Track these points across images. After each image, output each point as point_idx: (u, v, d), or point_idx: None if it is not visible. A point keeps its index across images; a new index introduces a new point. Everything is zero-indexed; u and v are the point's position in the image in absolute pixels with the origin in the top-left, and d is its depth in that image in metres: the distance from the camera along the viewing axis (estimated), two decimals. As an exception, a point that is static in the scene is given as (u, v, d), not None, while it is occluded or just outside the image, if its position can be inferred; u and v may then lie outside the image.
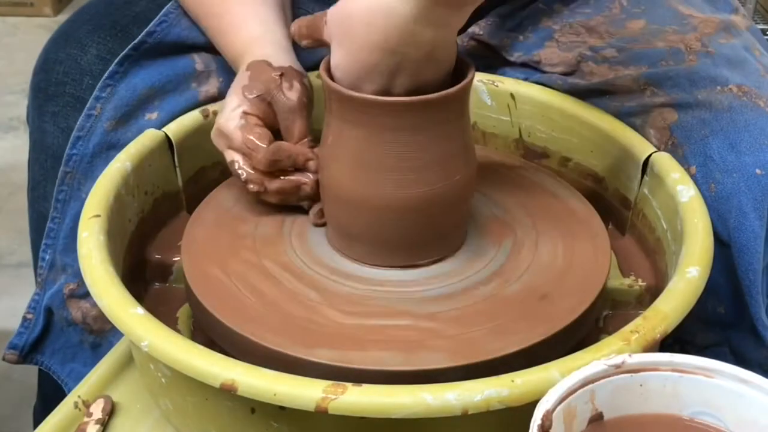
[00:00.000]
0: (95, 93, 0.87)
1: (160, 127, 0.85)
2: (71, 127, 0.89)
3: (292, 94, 0.78)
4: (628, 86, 0.86)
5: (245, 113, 0.78)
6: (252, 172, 0.77)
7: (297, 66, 0.82)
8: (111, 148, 0.85)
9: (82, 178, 0.87)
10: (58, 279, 0.89)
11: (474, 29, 0.96)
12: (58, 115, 0.90)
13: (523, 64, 0.95)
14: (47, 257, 0.90)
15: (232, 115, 0.78)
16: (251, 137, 0.76)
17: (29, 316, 0.91)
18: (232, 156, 0.78)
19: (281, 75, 0.79)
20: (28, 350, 0.92)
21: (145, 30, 0.88)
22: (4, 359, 0.93)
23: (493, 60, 0.97)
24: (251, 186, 0.77)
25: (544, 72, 0.93)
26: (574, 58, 0.90)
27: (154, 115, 0.87)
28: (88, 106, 0.87)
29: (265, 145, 0.76)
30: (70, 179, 0.88)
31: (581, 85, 0.89)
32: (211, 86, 0.89)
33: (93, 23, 0.92)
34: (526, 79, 0.94)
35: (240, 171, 0.77)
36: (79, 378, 0.83)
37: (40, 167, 0.93)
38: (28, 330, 0.91)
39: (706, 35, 0.88)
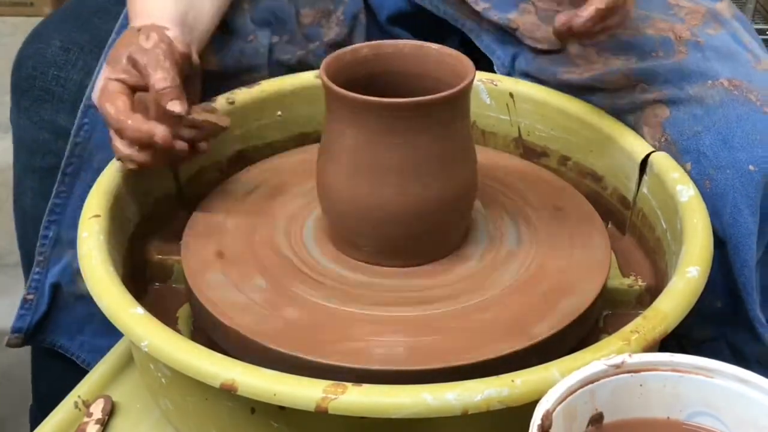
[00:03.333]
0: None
1: None
2: (43, 119, 0.91)
3: (147, 43, 0.76)
4: (619, 82, 0.86)
5: (107, 79, 0.76)
6: (121, 149, 0.75)
7: (173, 32, 0.79)
8: None
9: (93, 149, 0.87)
10: (64, 254, 0.89)
11: None
12: (29, 109, 0.92)
13: (500, 28, 0.94)
14: (50, 234, 0.89)
15: (96, 87, 0.77)
16: (108, 106, 0.74)
17: (30, 297, 0.90)
18: (110, 134, 0.76)
19: (139, 30, 0.77)
20: (33, 331, 0.91)
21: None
22: (8, 345, 0.91)
23: (459, 12, 0.96)
24: (126, 164, 0.76)
25: (524, 44, 0.92)
26: None
27: None
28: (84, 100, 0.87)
29: (119, 105, 0.74)
30: (81, 150, 0.87)
31: (573, 80, 0.88)
32: None
33: (58, 18, 0.96)
34: (513, 60, 0.93)
35: (115, 150, 0.75)
36: (92, 350, 0.83)
37: (21, 164, 0.95)
38: (30, 311, 0.90)
39: (693, 26, 0.87)
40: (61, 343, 0.92)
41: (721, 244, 0.78)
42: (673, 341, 0.80)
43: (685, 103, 0.83)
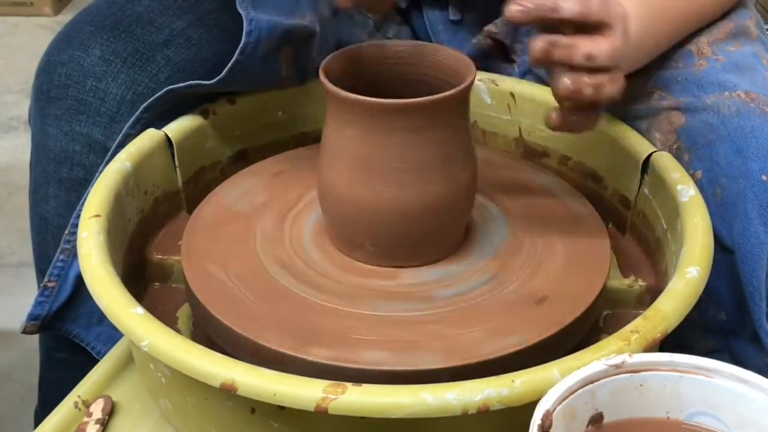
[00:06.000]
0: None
1: None
2: (74, 130, 0.88)
3: None
4: (636, 89, 0.86)
5: None
6: None
7: None
8: None
9: None
10: None
11: (491, 27, 0.97)
12: (60, 118, 0.88)
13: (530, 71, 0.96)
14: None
15: None
16: None
17: (51, 284, 0.88)
18: None
19: None
20: (50, 319, 0.89)
21: None
22: (24, 332, 0.89)
23: (503, 62, 0.98)
24: None
25: None
26: None
27: None
28: None
29: None
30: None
31: None
32: None
33: (95, 24, 0.91)
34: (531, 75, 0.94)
35: None
36: (109, 341, 0.82)
37: (42, 170, 0.92)
38: (50, 298, 0.88)
39: (715, 41, 0.88)
40: (77, 332, 0.90)
41: (729, 253, 0.78)
42: (677, 352, 0.80)
43: (700, 112, 0.83)
